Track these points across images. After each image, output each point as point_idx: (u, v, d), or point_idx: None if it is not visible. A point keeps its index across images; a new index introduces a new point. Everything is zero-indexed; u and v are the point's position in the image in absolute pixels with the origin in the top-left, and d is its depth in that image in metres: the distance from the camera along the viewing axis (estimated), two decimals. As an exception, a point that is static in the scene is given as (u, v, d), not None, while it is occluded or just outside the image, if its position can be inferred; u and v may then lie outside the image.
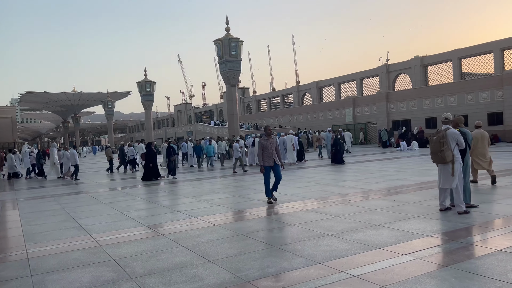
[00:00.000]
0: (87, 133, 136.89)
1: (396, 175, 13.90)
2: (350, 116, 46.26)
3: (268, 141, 9.72)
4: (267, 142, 9.70)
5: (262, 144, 9.69)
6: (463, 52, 40.28)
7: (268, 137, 9.80)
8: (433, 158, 7.51)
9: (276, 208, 8.99)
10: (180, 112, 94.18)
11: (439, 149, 7.19)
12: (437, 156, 7.30)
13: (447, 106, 36.05)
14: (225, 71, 32.42)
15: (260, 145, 9.75)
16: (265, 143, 9.68)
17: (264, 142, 9.70)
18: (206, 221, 8.04)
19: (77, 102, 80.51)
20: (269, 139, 9.76)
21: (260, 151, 9.70)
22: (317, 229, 6.77)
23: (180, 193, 12.78)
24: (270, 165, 9.64)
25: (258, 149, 9.76)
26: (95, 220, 8.83)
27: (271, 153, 9.63)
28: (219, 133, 56.54)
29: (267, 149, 9.62)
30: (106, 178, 20.02)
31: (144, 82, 51.53)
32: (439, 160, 7.31)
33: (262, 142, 9.74)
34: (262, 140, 9.81)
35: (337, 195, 10.30)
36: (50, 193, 14.77)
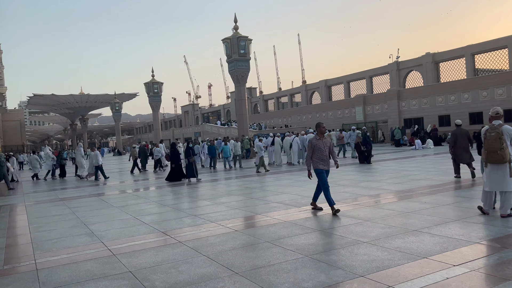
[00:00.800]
0: (94, 135, 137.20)
1: (419, 175, 13.28)
2: (360, 114, 45.54)
3: (321, 141, 8.31)
4: (320, 142, 8.30)
5: (313, 145, 8.30)
6: (477, 48, 39.34)
7: (321, 136, 8.40)
8: (488, 158, 6.69)
9: (298, 212, 8.43)
10: (187, 113, 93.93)
11: (499, 146, 6.49)
12: (496, 155, 6.54)
13: (461, 103, 35.25)
14: (233, 70, 31.89)
15: (310, 145, 8.36)
16: (317, 143, 8.29)
17: (316, 142, 8.30)
18: (225, 226, 7.51)
19: (85, 104, 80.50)
20: (321, 138, 8.36)
21: (310, 153, 8.35)
22: (349, 236, 6.22)
23: (194, 195, 12.28)
24: (326, 168, 8.29)
25: (308, 150, 8.46)
26: (107, 226, 8.34)
27: (325, 155, 8.28)
28: (227, 134, 56.11)
29: (320, 151, 8.26)
30: (126, 178, 19.59)
31: (152, 83, 51.19)
32: (497, 160, 6.55)
33: (313, 142, 8.33)
34: (313, 140, 8.38)
35: (361, 197, 9.73)
36: (59, 196, 14.34)
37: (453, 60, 42.14)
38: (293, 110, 59.44)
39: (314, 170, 8.35)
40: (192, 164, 16.11)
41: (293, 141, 20.74)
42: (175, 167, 16.68)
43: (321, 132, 8.45)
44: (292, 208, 8.89)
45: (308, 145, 8.45)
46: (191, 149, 16.33)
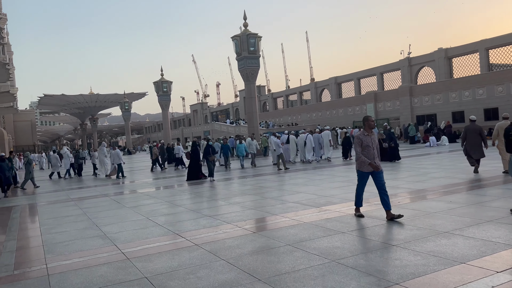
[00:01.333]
0: (104, 135, 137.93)
1: (438, 173, 12.83)
2: (371, 111, 44.92)
3: (369, 137, 7.24)
4: (368, 139, 7.22)
5: (361, 141, 7.20)
6: (491, 43, 38.51)
7: (369, 131, 7.30)
8: None
9: (317, 213, 8.09)
10: (196, 112, 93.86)
11: None
12: None
13: (475, 99, 34.52)
14: (243, 68, 31.56)
15: (358, 141, 7.23)
16: (365, 140, 7.20)
17: (364, 138, 7.21)
18: (242, 228, 7.20)
19: (94, 104, 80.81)
20: (370, 134, 7.27)
21: (359, 149, 7.24)
22: (376, 238, 5.86)
23: (207, 195, 11.99)
24: (370, 170, 7.25)
25: (356, 147, 7.28)
26: (119, 227, 8.08)
27: (373, 153, 7.21)
28: (236, 132, 55.83)
29: (368, 148, 7.18)
30: (138, 177, 19.40)
31: (161, 81, 51.06)
32: None
33: (361, 138, 7.22)
34: (361, 136, 7.25)
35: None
36: (70, 196, 14.16)
37: (466, 55, 41.31)
38: (303, 108, 58.96)
39: (357, 170, 7.46)
40: (212, 163, 15.61)
41: (306, 138, 20.40)
42: (194, 165, 16.31)
43: (370, 127, 7.31)
44: (310, 208, 8.55)
45: (356, 141, 7.31)
46: (211, 147, 15.82)
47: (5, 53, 57.78)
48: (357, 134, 7.37)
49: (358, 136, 7.28)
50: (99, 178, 21.41)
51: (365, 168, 7.27)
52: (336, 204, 8.77)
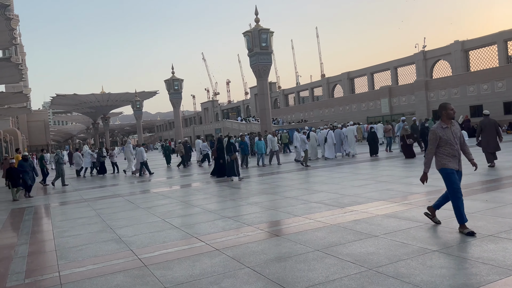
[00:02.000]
0: (116, 134, 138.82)
1: (465, 169, 12.19)
2: (386, 106, 44.16)
3: (449, 130, 5.81)
4: (447, 132, 5.79)
5: (439, 136, 5.79)
6: (510, 34, 37.44)
7: (448, 122, 5.86)
8: None
9: (343, 214, 7.61)
10: (207, 110, 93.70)
11: None
12: None
13: (495, 92, 33.61)
14: (255, 64, 31.13)
15: (434, 137, 5.83)
16: (443, 134, 5.78)
17: (442, 132, 5.79)
18: (264, 231, 6.77)
19: (106, 103, 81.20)
20: (449, 126, 5.84)
21: (433, 148, 5.88)
22: (413, 242, 5.38)
23: (224, 194, 11.58)
24: (457, 167, 5.84)
25: (430, 143, 5.91)
26: (135, 230, 7.71)
27: (456, 149, 5.78)
28: (247, 129, 55.42)
29: (449, 143, 5.76)
30: (157, 175, 19.12)
31: (172, 80, 50.92)
32: None
33: (438, 132, 5.79)
34: (438, 129, 5.82)
35: (410, 195, 8.83)
36: (83, 197, 13.89)
37: (484, 48, 40.29)
38: (315, 104, 58.31)
39: (440, 170, 5.93)
40: (234, 162, 14.67)
41: (327, 135, 20.09)
42: (223, 162, 15.85)
43: (449, 117, 5.86)
44: (335, 208, 8.07)
45: (431, 136, 5.88)
46: (233, 145, 15.08)
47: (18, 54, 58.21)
48: (433, 128, 5.90)
49: (434, 131, 5.82)
50: (118, 176, 21.28)
51: (451, 164, 5.77)
52: (362, 204, 8.28)
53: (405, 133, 17.65)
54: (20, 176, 14.38)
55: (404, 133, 17.74)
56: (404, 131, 17.76)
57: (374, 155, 19.67)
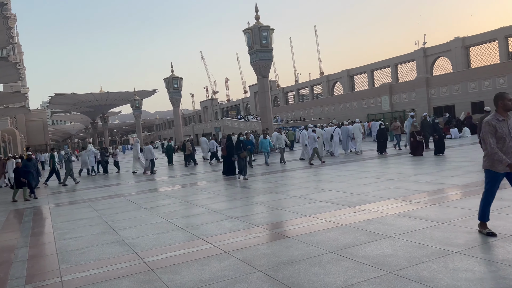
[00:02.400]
0: (115, 133, 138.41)
1: (472, 166, 12.03)
2: (386, 104, 43.92)
3: (505, 124, 5.15)
4: (503, 126, 5.14)
5: (495, 128, 5.12)
6: (511, 30, 37.19)
7: (504, 115, 5.19)
8: None
9: (353, 213, 7.38)
10: (206, 108, 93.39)
11: None
12: None
13: (496, 88, 33.31)
14: (256, 61, 30.81)
15: (491, 129, 5.13)
16: (499, 127, 5.13)
17: (498, 125, 5.14)
18: (273, 231, 6.54)
19: (105, 102, 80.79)
20: (505, 119, 5.18)
21: (493, 140, 5.12)
22: (431, 243, 5.15)
23: (228, 194, 11.34)
24: (506, 170, 5.12)
25: (487, 136, 5.15)
26: (138, 232, 7.47)
27: (510, 146, 5.11)
28: (247, 128, 55.15)
29: (502, 139, 5.12)
30: (160, 174, 18.87)
31: (171, 78, 50.52)
32: None
33: (494, 125, 5.13)
34: (493, 121, 5.16)
35: (419, 193, 8.59)
36: (84, 197, 13.64)
37: (484, 44, 40.02)
38: (315, 102, 58.03)
39: (486, 171, 5.39)
40: (243, 160, 14.25)
41: (334, 132, 19.99)
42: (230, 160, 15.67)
43: (506, 109, 5.17)
44: (344, 208, 7.84)
45: (487, 129, 5.16)
46: (242, 143, 14.52)
47: (16, 53, 57.78)
48: (488, 119, 5.24)
49: (490, 122, 5.15)
50: (120, 175, 20.99)
51: (501, 167, 5.13)
52: (371, 203, 8.05)
53: (415, 129, 16.98)
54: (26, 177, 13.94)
55: (413, 129, 17.05)
56: (413, 128, 17.08)
57: (384, 153, 18.87)
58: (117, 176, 21.33)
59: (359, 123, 21.37)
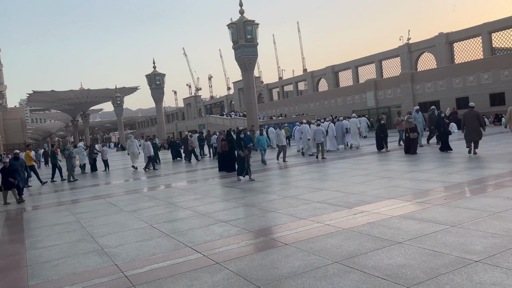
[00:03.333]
0: (96, 131, 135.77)
1: (468, 163, 11.69)
2: (371, 100, 43.83)
3: None
4: None
5: None
6: (494, 26, 37.46)
7: None
8: None
9: (353, 215, 6.86)
10: (189, 105, 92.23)
11: None
12: None
13: (481, 84, 33.51)
14: (240, 57, 30.16)
15: None
16: None
17: None
18: (268, 238, 5.97)
19: (85, 100, 78.87)
20: None
21: None
22: (447, 250, 4.65)
23: (214, 195, 10.70)
24: None
25: None
26: (119, 239, 6.81)
27: None
28: (232, 125, 54.49)
29: None
30: (137, 175, 18.06)
31: (154, 74, 49.45)
32: None
33: None
34: None
35: (419, 192, 8.14)
36: (61, 199, 12.83)
37: (468, 40, 40.29)
38: (299, 98, 57.73)
39: None
40: (244, 159, 12.69)
41: (328, 127, 19.87)
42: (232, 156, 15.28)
43: None
44: (342, 209, 7.32)
45: None
46: (243, 140, 12.84)
47: (-9, 49, 55.72)
48: None
49: None
50: (109, 173, 20.12)
51: None
52: (370, 203, 7.55)
53: (409, 126, 15.65)
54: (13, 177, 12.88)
55: (408, 126, 15.70)
56: (407, 124, 15.74)
57: (386, 149, 17.52)
58: (104, 174, 20.65)
59: (356, 119, 21.57)
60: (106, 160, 23.27)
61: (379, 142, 18.01)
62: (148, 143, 20.62)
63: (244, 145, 12.72)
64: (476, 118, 13.35)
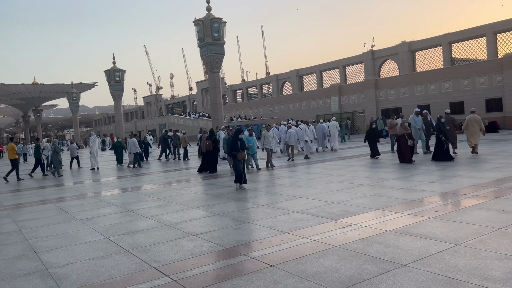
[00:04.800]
0: (50, 128, 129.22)
1: (442, 171, 11.37)
2: (336, 105, 43.98)
3: None
4: None
5: None
6: (454, 37, 38.57)
7: None
8: None
9: (340, 228, 6.14)
10: (149, 104, 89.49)
11: None
12: None
13: (442, 92, 34.27)
14: (207, 55, 29.11)
15: None
16: None
17: None
18: (249, 257, 5.11)
19: (38, 95, 74.66)
20: None
21: None
22: (462, 277, 3.98)
23: (180, 201, 9.68)
24: None
25: None
26: (68, 255, 5.72)
27: None
28: (195, 125, 53.14)
29: None
30: (103, 174, 16.56)
31: (113, 70, 47.27)
32: None
33: None
34: None
35: (405, 203, 7.55)
36: (3, 203, 11.35)
37: (429, 49, 41.27)
38: (264, 101, 57.26)
39: None
40: (241, 162, 10.71)
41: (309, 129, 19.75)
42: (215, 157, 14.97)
43: None
44: (327, 221, 6.59)
45: None
46: (241, 141, 10.86)
47: None
48: None
49: None
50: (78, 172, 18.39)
51: None
52: (356, 214, 6.87)
53: (405, 131, 13.95)
54: None
55: (403, 131, 13.98)
56: (404, 129, 14.03)
57: (376, 157, 15.83)
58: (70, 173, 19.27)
59: (335, 122, 21.90)
60: (76, 157, 22.19)
61: (373, 148, 16.00)
62: (134, 140, 20.22)
63: (241, 146, 10.78)
64: (452, 122, 14.92)
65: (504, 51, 35.17)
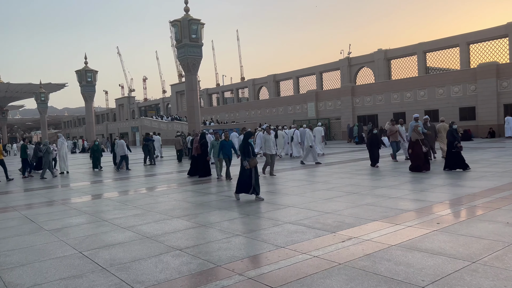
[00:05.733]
0: (16, 129, 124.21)
1: (439, 179, 11.14)
2: (312, 111, 43.95)
3: None
4: None
5: None
6: (428, 46, 39.32)
7: None
8: None
9: (340, 243, 5.66)
10: (122, 107, 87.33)
11: None
12: None
13: (417, 100, 34.72)
14: (184, 57, 28.41)
15: None
16: None
17: None
18: (244, 276, 4.55)
19: (4, 94, 71.57)
20: None
21: None
22: (493, 302, 3.56)
23: (160, 209, 8.99)
24: None
25: None
26: (35, 274, 4.99)
27: None
28: (169, 129, 52.04)
29: None
30: (75, 178, 15.50)
31: (85, 70, 45.66)
32: None
33: None
34: None
35: (402, 213, 7.17)
36: (-39, 210, 10.30)
37: (405, 58, 41.93)
38: (241, 105, 56.73)
39: None
40: (251, 171, 9.34)
41: (294, 134, 20.56)
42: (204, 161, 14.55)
43: None
44: (324, 233, 6.10)
45: None
46: (251, 145, 9.58)
47: None
48: None
49: None
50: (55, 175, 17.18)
51: None
52: (354, 226, 6.42)
53: (419, 137, 12.80)
54: None
55: (417, 137, 12.84)
56: (417, 135, 12.87)
57: (376, 165, 14.73)
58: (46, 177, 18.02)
59: (321, 127, 22.36)
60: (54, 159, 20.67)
61: (374, 155, 14.78)
62: (122, 141, 19.82)
63: (252, 151, 9.51)
64: (434, 130, 16.11)
65: (476, 61, 36.05)
